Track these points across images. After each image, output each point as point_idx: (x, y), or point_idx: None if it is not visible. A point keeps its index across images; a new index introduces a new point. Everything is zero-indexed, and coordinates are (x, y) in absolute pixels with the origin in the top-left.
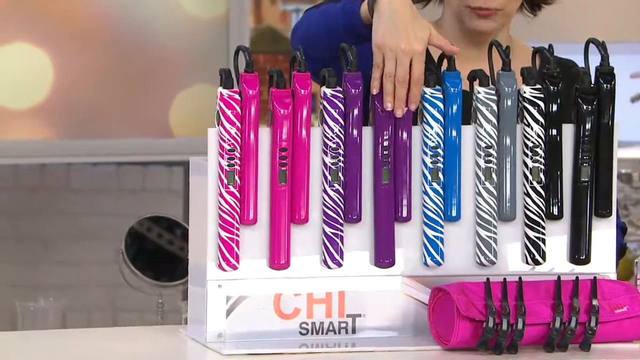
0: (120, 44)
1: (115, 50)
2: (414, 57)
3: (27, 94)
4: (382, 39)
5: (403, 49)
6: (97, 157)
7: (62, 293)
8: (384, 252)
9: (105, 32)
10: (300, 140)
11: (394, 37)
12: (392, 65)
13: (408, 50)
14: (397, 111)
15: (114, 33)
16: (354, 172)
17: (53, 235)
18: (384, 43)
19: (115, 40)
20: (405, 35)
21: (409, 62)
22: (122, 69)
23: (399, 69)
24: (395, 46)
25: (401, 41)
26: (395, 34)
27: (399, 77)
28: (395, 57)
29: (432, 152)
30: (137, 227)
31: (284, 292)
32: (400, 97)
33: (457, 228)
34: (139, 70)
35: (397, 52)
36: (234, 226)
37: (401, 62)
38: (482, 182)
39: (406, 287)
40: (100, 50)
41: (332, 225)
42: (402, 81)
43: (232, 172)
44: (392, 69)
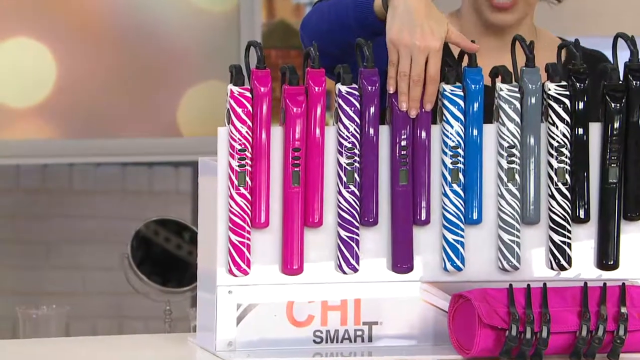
0: (126, 39)
1: (121, 46)
2: (430, 55)
3: (28, 92)
4: (397, 35)
5: (418, 45)
6: (102, 157)
7: (65, 300)
8: (401, 257)
9: (110, 27)
10: (314, 140)
11: (409, 34)
12: (407, 63)
13: (424, 47)
14: (411, 111)
15: (119, 27)
16: (371, 173)
17: (55, 239)
18: (399, 40)
19: (120, 35)
20: (420, 32)
21: (425, 59)
22: (128, 65)
23: (414, 67)
24: (410, 43)
25: (416, 38)
26: (411, 30)
27: (414, 76)
28: (410, 55)
29: (452, 152)
30: (143, 230)
31: (297, 298)
32: (414, 96)
33: (479, 232)
34: (146, 66)
35: (412, 49)
36: (244, 229)
37: (416, 59)
38: (505, 184)
39: (425, 293)
40: (106, 46)
41: (347, 228)
42: (417, 80)
43: (243, 173)
44: (407, 67)
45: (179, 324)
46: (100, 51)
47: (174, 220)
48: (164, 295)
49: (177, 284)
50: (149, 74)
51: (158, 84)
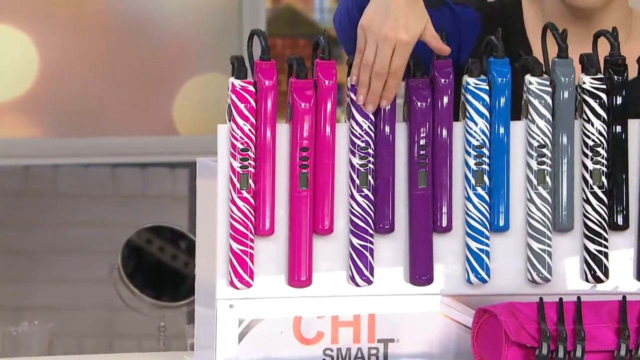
0: (117, 27)
1: (111, 34)
2: (397, 47)
3: (7, 85)
4: (368, 21)
5: (385, 35)
6: (90, 157)
7: (48, 315)
8: (420, 268)
9: (99, 13)
10: (323, 139)
11: (381, 21)
12: (372, 52)
13: (391, 37)
14: (368, 106)
15: (109, 14)
16: (386, 175)
17: (38, 249)
18: (369, 26)
19: (110, 23)
20: (393, 21)
21: (391, 52)
22: (118, 55)
23: (378, 58)
24: (378, 31)
25: (387, 27)
26: (384, 18)
27: (377, 68)
28: (376, 44)
29: (477, 152)
30: (135, 238)
31: (305, 313)
32: (374, 90)
33: (505, 240)
34: (139, 57)
35: (378, 38)
36: (247, 237)
37: (382, 50)
38: (535, 187)
39: (446, 307)
40: (93, 34)
41: (360, 236)
42: (378, 72)
43: (246, 175)
44: (371, 57)
45: (174, 341)
46: (88, 40)
47: (170, 227)
48: (158, 310)
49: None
50: (142, 66)
51: (152, 77)
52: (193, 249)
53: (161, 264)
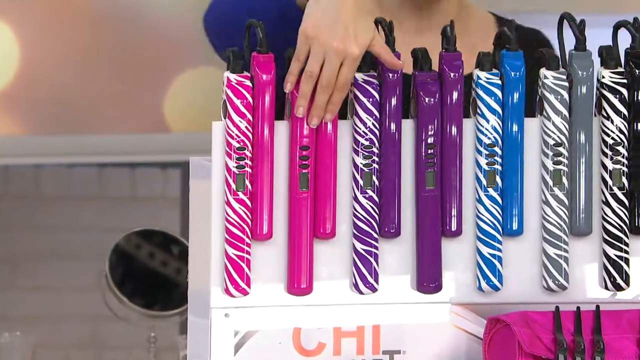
0: (103, 17)
1: (97, 25)
2: (346, 61)
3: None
4: (313, 28)
5: (336, 47)
6: (74, 157)
7: (31, 325)
8: (428, 274)
9: (84, 2)
10: (325, 137)
11: (329, 31)
12: (317, 63)
13: (341, 50)
14: (312, 120)
15: (95, 3)
16: (392, 175)
17: (19, 255)
18: (315, 35)
19: (96, 12)
20: (343, 33)
21: (339, 64)
22: (105, 47)
23: (325, 70)
24: (326, 42)
25: (336, 38)
26: (332, 27)
27: (324, 80)
28: (323, 55)
29: (488, 151)
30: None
31: (306, 323)
32: (320, 104)
33: (519, 244)
34: (127, 49)
35: (327, 49)
36: (244, 242)
37: (331, 62)
38: (550, 188)
39: (456, 317)
40: (79, 25)
41: (364, 240)
42: (325, 85)
43: (242, 176)
44: (316, 68)
45: (165, 353)
46: (73, 30)
47: (161, 231)
48: (148, 320)
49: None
50: (131, 58)
51: (142, 70)
52: (186, 254)
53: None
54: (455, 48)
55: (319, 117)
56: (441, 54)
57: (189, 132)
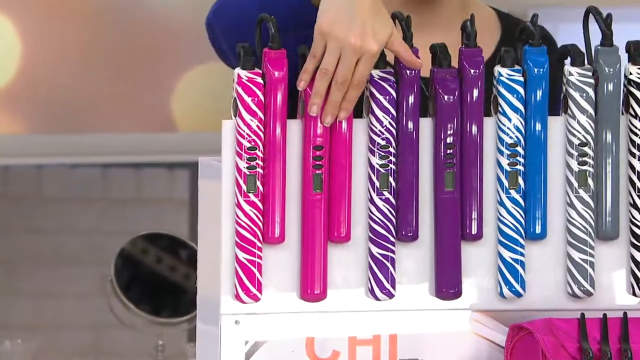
0: (108, 12)
1: (102, 19)
2: (363, 58)
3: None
4: (330, 25)
5: (353, 44)
6: (78, 157)
7: (32, 333)
8: (447, 280)
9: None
10: (339, 136)
11: (345, 27)
12: (333, 59)
13: (358, 47)
14: (326, 118)
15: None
16: (409, 176)
17: (20, 259)
18: (331, 30)
19: (101, 7)
20: (360, 29)
21: (355, 61)
22: (110, 43)
23: (341, 67)
24: (343, 37)
25: (353, 34)
26: (349, 23)
27: (339, 77)
28: (339, 52)
29: (510, 151)
30: (129, 248)
31: (319, 331)
32: (334, 101)
33: (543, 249)
34: (133, 45)
35: (344, 45)
36: (255, 246)
37: (347, 59)
38: (575, 190)
39: (476, 324)
40: (83, 20)
41: (380, 244)
42: (341, 82)
43: (253, 177)
44: (332, 65)
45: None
46: (77, 25)
47: (168, 235)
48: (156, 328)
49: (172, 313)
50: (137, 54)
51: (148, 67)
52: (194, 259)
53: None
54: (476, 43)
55: (333, 114)
56: (461, 49)
57: (198, 132)
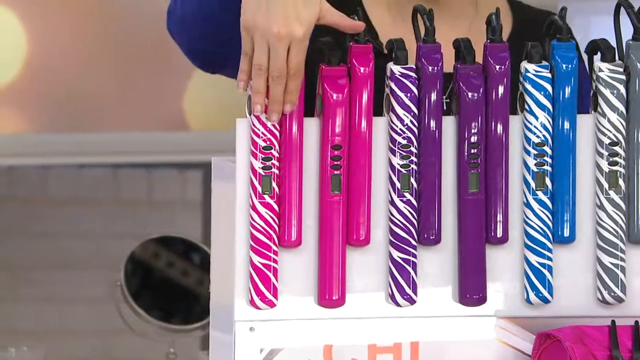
0: (119, 6)
1: (111, 15)
2: (292, 44)
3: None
4: (251, 18)
5: (276, 33)
6: (86, 157)
7: (39, 340)
8: (471, 285)
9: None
10: (359, 135)
11: (266, 17)
12: (262, 54)
13: (284, 34)
14: (271, 116)
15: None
16: (431, 177)
17: (26, 263)
18: (254, 24)
19: (111, 1)
20: (281, 15)
21: (287, 50)
22: (119, 38)
23: (273, 59)
24: (265, 28)
25: (274, 22)
26: (269, 12)
27: (273, 71)
28: (267, 44)
29: (537, 151)
30: (140, 252)
31: (338, 338)
32: (275, 96)
33: (571, 253)
34: (143, 40)
35: (268, 36)
36: (270, 249)
37: (275, 49)
38: (605, 192)
39: (502, 331)
40: (92, 14)
41: (401, 248)
42: (277, 75)
43: (269, 177)
44: (264, 60)
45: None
46: (85, 20)
47: (180, 238)
48: (167, 335)
49: (184, 320)
50: (147, 50)
51: (159, 63)
52: (207, 263)
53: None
54: (501, 38)
55: (278, 111)
56: (486, 44)
57: (211, 131)
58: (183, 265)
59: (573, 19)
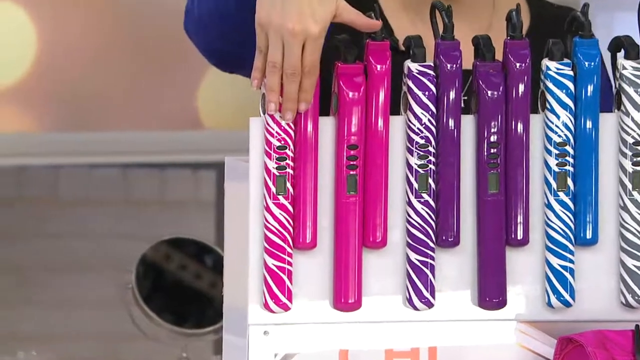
0: (130, 3)
1: (123, 11)
2: (307, 42)
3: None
4: (266, 15)
5: (291, 29)
6: (96, 156)
7: (48, 344)
8: (491, 288)
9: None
10: (375, 134)
11: (281, 14)
12: (277, 51)
13: (298, 31)
14: (286, 114)
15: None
16: (450, 177)
17: (36, 266)
18: (268, 21)
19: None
20: (296, 12)
21: (301, 47)
22: (131, 35)
23: (287, 57)
24: (280, 25)
25: (289, 19)
26: (284, 9)
27: (287, 68)
28: (281, 41)
29: (559, 151)
30: (151, 254)
31: (354, 342)
32: (290, 94)
33: (593, 255)
34: (155, 36)
35: (283, 33)
36: (285, 251)
37: (289, 46)
38: (629, 192)
39: (522, 336)
40: (102, 9)
41: (419, 250)
42: (291, 73)
43: (283, 178)
44: (278, 57)
45: None
46: (96, 15)
47: (192, 240)
48: (179, 339)
49: (196, 323)
50: (160, 46)
51: (172, 60)
52: (220, 265)
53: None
54: (522, 35)
55: (293, 110)
56: (506, 41)
57: (224, 130)
58: (195, 267)
59: (596, 15)
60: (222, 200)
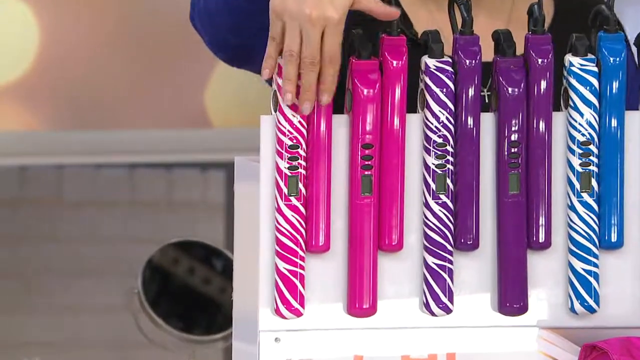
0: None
1: (128, 7)
2: (327, 29)
3: (1, 66)
4: (281, 1)
5: (309, 15)
6: (102, 156)
7: (52, 351)
8: (511, 293)
9: None
10: (391, 133)
11: (297, 0)
12: (294, 38)
13: (316, 17)
14: (304, 106)
15: None
16: (469, 178)
17: (39, 270)
18: (284, 8)
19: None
20: None
21: (320, 35)
22: (136, 31)
23: (305, 45)
24: (298, 11)
25: (307, 5)
26: None
27: (306, 57)
28: (299, 29)
29: (582, 150)
30: (159, 257)
31: (369, 349)
32: (308, 84)
33: (619, 259)
34: (162, 32)
35: (301, 19)
36: (297, 255)
37: (308, 33)
38: None
39: (544, 343)
40: (107, 6)
41: (437, 254)
42: (310, 62)
43: (295, 178)
44: (294, 45)
45: None
46: (100, 11)
47: (201, 242)
48: (187, 346)
49: (205, 330)
50: (166, 43)
51: (179, 56)
52: (230, 269)
53: (191, 288)
54: (544, 29)
55: (311, 100)
56: (527, 36)
57: (234, 128)
58: (204, 271)
59: (623, 9)
60: (231, 202)
